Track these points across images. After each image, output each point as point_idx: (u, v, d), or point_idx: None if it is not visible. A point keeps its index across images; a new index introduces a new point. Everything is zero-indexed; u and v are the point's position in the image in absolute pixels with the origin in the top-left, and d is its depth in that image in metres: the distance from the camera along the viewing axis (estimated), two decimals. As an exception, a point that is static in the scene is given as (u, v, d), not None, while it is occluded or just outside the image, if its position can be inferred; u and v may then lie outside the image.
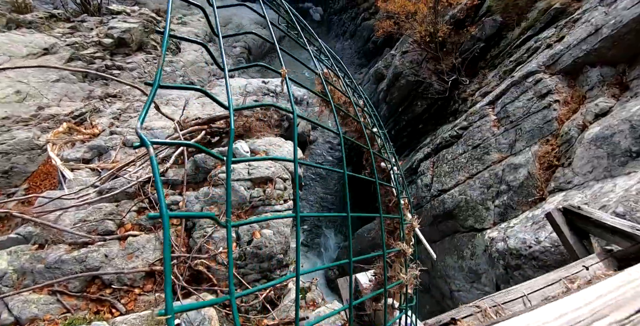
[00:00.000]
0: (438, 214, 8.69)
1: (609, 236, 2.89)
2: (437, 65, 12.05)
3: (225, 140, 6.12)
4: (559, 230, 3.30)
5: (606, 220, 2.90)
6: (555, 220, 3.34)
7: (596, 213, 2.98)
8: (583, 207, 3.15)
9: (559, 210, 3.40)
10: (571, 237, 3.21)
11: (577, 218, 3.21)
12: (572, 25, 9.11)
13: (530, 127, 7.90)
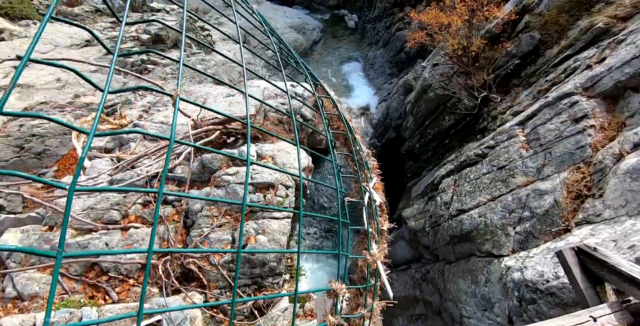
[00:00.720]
0: (455, 235, 8.35)
1: (625, 285, 2.58)
2: (468, 80, 11.67)
3: (241, 141, 6.09)
4: (570, 272, 2.98)
5: (623, 267, 2.58)
6: (567, 260, 3.02)
7: (613, 257, 2.67)
8: (600, 248, 2.83)
9: (573, 249, 3.09)
10: (583, 280, 2.89)
11: (591, 261, 2.89)
12: (616, 47, 8.59)
13: (561, 152, 7.46)
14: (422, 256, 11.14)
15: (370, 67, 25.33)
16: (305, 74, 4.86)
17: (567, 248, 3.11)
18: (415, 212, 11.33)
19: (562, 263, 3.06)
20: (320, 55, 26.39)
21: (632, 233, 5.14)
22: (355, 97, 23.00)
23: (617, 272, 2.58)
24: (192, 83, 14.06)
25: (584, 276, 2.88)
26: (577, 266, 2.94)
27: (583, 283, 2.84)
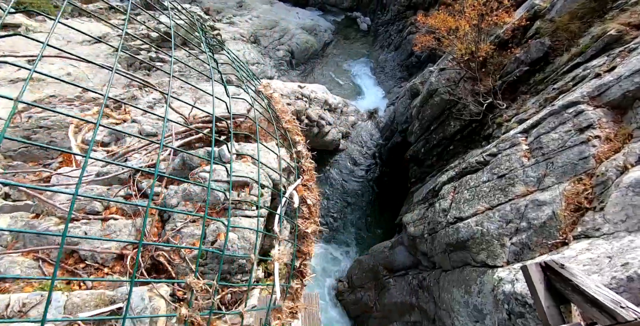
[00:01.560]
0: (451, 242, 8.19)
1: (587, 307, 2.44)
2: (475, 86, 11.47)
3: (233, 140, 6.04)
4: (533, 288, 2.83)
5: (587, 287, 2.44)
6: (531, 276, 2.88)
7: (580, 276, 2.53)
8: (568, 266, 2.69)
9: (539, 264, 2.94)
10: (546, 298, 2.74)
11: (557, 278, 2.74)
12: (627, 55, 8.34)
13: (564, 162, 7.25)
14: (420, 263, 10.99)
15: (380, 70, 25.17)
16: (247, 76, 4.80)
17: (532, 263, 2.97)
18: (416, 218, 11.18)
19: (526, 279, 2.92)
20: (331, 56, 26.33)
21: (629, 250, 4.95)
22: (364, 100, 22.88)
23: (580, 292, 2.45)
24: (198, 82, 14.16)
25: (548, 294, 2.74)
26: (541, 283, 2.81)
27: (546, 300, 2.70)
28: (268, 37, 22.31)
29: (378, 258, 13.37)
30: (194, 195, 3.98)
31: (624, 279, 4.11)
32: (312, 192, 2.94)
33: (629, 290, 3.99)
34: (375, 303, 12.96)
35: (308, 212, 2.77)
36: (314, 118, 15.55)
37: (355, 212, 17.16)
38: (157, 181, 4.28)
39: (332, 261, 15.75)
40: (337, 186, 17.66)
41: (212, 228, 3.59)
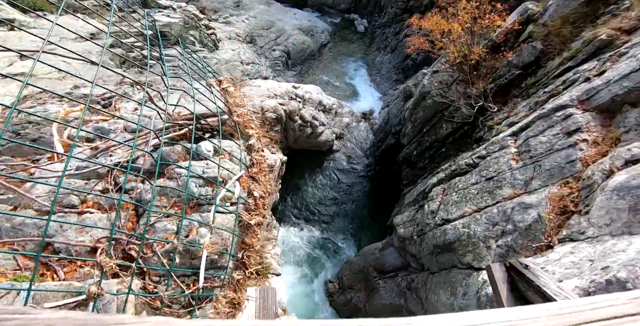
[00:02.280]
0: (438, 244, 8.17)
1: None
2: (467, 89, 11.49)
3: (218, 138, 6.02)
4: (496, 288, 2.77)
5: (548, 289, 2.38)
6: (494, 276, 2.82)
7: (542, 277, 2.47)
8: (532, 266, 2.63)
9: (504, 264, 2.89)
10: (509, 299, 2.68)
11: (521, 279, 2.68)
12: (617, 60, 8.36)
13: (551, 166, 7.25)
14: (409, 265, 10.96)
15: (377, 72, 25.22)
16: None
17: (496, 263, 2.93)
18: (406, 219, 11.16)
19: (490, 278, 2.87)
20: (328, 58, 26.35)
21: (611, 253, 4.94)
22: (360, 101, 22.91)
23: (541, 293, 2.40)
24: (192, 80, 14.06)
25: (511, 295, 2.69)
26: (504, 284, 2.75)
27: (509, 301, 2.65)
28: (264, 37, 22.29)
29: (368, 260, 13.34)
30: (169, 190, 3.94)
31: (602, 283, 4.09)
32: (261, 184, 2.90)
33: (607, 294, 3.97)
34: (365, 305, 12.92)
35: (254, 204, 2.74)
36: (308, 118, 15.53)
37: (348, 212, 17.13)
38: (133, 176, 4.24)
39: (323, 262, 15.70)
40: (331, 186, 17.63)
41: (185, 222, 3.56)
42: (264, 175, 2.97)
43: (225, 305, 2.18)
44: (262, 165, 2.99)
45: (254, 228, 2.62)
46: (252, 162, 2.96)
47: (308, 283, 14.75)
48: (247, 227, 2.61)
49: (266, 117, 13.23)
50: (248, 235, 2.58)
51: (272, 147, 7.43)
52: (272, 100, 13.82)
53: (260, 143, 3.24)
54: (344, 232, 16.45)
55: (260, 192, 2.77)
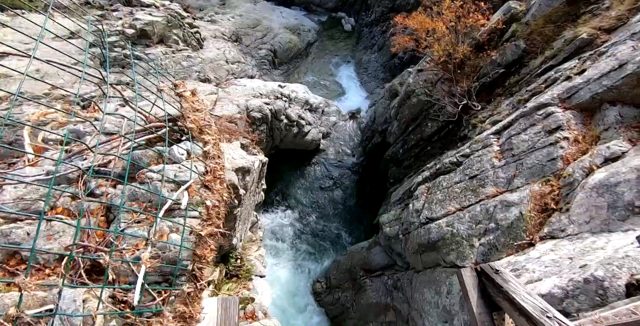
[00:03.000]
0: (422, 243, 8.17)
1: (515, 315, 2.36)
2: (452, 87, 11.53)
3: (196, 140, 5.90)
4: (466, 293, 2.75)
5: (516, 294, 2.36)
6: (464, 281, 2.79)
7: (512, 283, 2.45)
8: (503, 271, 2.61)
9: (475, 269, 2.86)
10: (479, 305, 2.65)
11: (490, 284, 2.65)
12: (597, 59, 8.46)
13: (532, 164, 7.31)
14: (395, 264, 10.98)
15: (364, 70, 25.20)
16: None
17: (467, 267, 2.90)
18: (391, 218, 11.16)
19: (460, 284, 2.85)
20: (315, 56, 26.25)
21: (590, 251, 4.97)
22: (347, 100, 22.85)
23: (509, 299, 2.38)
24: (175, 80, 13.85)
25: (482, 301, 2.66)
26: (474, 289, 2.72)
27: (479, 307, 2.62)
28: (250, 35, 22.09)
29: (356, 259, 13.31)
30: (140, 195, 3.84)
31: (580, 281, 4.11)
32: (215, 193, 2.82)
33: (585, 292, 3.99)
34: (353, 304, 12.89)
35: (206, 214, 2.66)
36: (294, 118, 15.44)
37: (335, 212, 17.08)
38: (105, 181, 4.11)
39: (311, 261, 15.64)
40: (318, 186, 17.57)
41: (156, 228, 3.46)
42: (220, 183, 2.88)
43: (173, 320, 2.10)
44: (217, 172, 2.90)
45: (206, 239, 2.53)
46: (206, 170, 2.87)
47: (296, 282, 14.67)
48: (199, 238, 2.52)
49: (251, 116, 13.11)
50: (199, 246, 2.49)
51: (252, 148, 7.35)
52: (257, 100, 13.69)
53: (218, 150, 3.14)
54: (332, 231, 16.41)
55: (214, 201, 2.68)
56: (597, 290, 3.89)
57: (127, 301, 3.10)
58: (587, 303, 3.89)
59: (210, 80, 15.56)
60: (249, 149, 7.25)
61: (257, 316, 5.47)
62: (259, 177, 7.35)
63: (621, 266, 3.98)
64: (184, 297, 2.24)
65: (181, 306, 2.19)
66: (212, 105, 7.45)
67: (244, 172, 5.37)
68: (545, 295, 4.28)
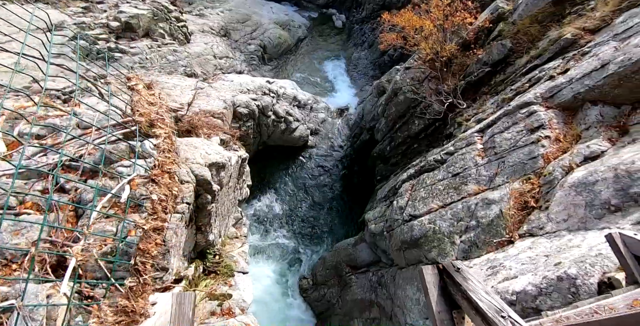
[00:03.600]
0: (405, 240, 8.20)
1: (472, 314, 2.35)
2: (439, 85, 11.56)
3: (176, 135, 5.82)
4: (427, 292, 2.73)
5: (474, 294, 2.34)
6: (425, 279, 2.78)
7: (472, 282, 2.43)
8: (464, 269, 2.60)
9: (437, 267, 2.85)
10: (439, 303, 2.63)
11: (451, 282, 2.64)
12: (580, 58, 8.54)
13: (514, 162, 7.37)
14: (380, 260, 11.02)
15: (353, 67, 25.17)
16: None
17: (429, 265, 2.89)
18: (377, 215, 11.18)
19: (422, 282, 2.85)
20: (305, 53, 26.12)
21: (566, 249, 5.02)
22: (336, 97, 22.82)
23: (467, 298, 2.37)
24: (160, 74, 13.68)
25: (442, 299, 2.65)
26: (435, 287, 2.71)
27: (438, 305, 2.61)
28: (240, 30, 21.87)
29: (341, 255, 13.32)
30: (109, 189, 3.76)
31: (554, 279, 4.15)
32: (161, 187, 2.77)
33: (558, 290, 4.03)
34: (338, 300, 12.91)
35: (151, 208, 2.61)
36: (281, 114, 15.35)
37: (323, 209, 17.07)
38: (80, 176, 4.02)
39: (298, 258, 15.63)
40: (306, 182, 17.53)
41: (90, 221, 3.40)
42: (170, 177, 2.81)
43: (113, 314, 2.06)
44: (165, 166, 2.83)
45: (151, 233, 2.48)
46: (154, 164, 2.81)
47: (282, 278, 14.66)
48: (144, 232, 2.47)
49: (238, 112, 13.00)
50: (143, 240, 2.44)
51: (233, 143, 7.27)
52: (244, 95, 13.58)
53: (170, 144, 3.07)
54: (318, 228, 16.40)
55: (161, 196, 2.62)
56: (570, 288, 3.93)
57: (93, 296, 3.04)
58: (560, 301, 3.92)
59: (197, 75, 15.38)
60: (230, 145, 7.17)
61: (234, 312, 5.43)
62: (239, 172, 7.29)
63: (594, 264, 4.03)
64: (125, 291, 2.19)
65: (122, 300, 2.14)
66: (192, 100, 7.32)
67: (218, 168, 5.30)
68: (519, 292, 4.32)
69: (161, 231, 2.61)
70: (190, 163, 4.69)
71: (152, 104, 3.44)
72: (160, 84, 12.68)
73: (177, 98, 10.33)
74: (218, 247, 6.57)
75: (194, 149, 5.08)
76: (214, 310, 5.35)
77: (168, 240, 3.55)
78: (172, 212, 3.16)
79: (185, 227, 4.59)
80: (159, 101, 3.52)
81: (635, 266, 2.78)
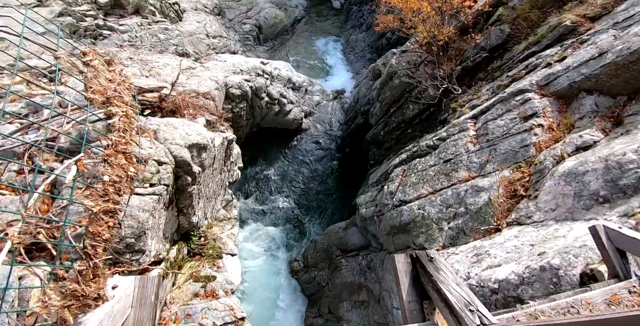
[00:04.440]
0: (394, 225, 8.22)
1: (442, 306, 2.33)
2: (435, 70, 11.38)
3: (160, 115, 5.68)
4: (398, 282, 2.70)
5: (444, 285, 2.30)
6: (397, 267, 2.74)
7: (443, 273, 2.38)
8: (437, 258, 2.56)
9: (411, 255, 2.80)
10: (409, 293, 2.59)
11: (423, 272, 2.59)
12: (578, 46, 8.40)
13: (506, 150, 7.32)
14: (370, 244, 11.10)
15: (350, 50, 24.75)
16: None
17: (402, 254, 2.85)
18: (368, 200, 11.19)
19: (393, 270, 2.81)
20: (301, 33, 25.58)
21: (552, 239, 5.02)
22: (332, 80, 22.52)
23: (437, 289, 2.33)
24: (151, 53, 13.32)
25: (413, 289, 2.62)
26: (407, 276, 2.67)
27: (409, 295, 2.58)
28: (234, 9, 21.29)
29: (333, 239, 13.40)
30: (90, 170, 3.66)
31: (537, 269, 4.15)
32: (114, 168, 2.68)
33: (540, 280, 4.04)
34: (328, 283, 13.07)
35: (102, 190, 2.53)
36: (275, 96, 15.13)
37: (315, 192, 17.09)
38: (52, 156, 3.90)
39: (289, 240, 15.73)
40: (299, 165, 17.47)
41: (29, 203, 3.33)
42: (127, 158, 2.71)
43: (60, 298, 2.01)
44: (119, 146, 2.73)
45: (101, 216, 2.40)
46: (107, 143, 2.71)
47: (273, 260, 14.78)
48: (93, 214, 2.39)
49: (230, 93, 12.77)
50: (93, 223, 2.37)
51: (220, 124, 7.12)
52: (237, 76, 13.32)
53: (127, 123, 2.95)
54: (311, 211, 16.46)
55: (113, 177, 2.53)
56: (552, 278, 3.94)
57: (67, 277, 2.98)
58: (541, 291, 3.94)
59: (189, 55, 15.02)
60: (216, 126, 7.03)
61: (217, 294, 5.44)
62: (225, 154, 7.17)
63: (578, 255, 4.03)
64: (75, 275, 2.14)
65: (72, 284, 2.09)
66: (176, 79, 7.12)
67: (199, 149, 5.20)
68: (502, 280, 4.34)
69: (114, 214, 2.54)
70: (169, 144, 4.59)
71: (111, 81, 3.28)
72: (150, 63, 12.38)
73: (167, 78, 10.09)
74: (203, 229, 6.53)
75: (173, 129, 4.96)
76: (197, 291, 5.36)
77: (144, 221, 3.50)
78: (130, 194, 3.07)
79: (165, 208, 4.54)
80: (119, 78, 3.36)
81: (617, 259, 2.77)
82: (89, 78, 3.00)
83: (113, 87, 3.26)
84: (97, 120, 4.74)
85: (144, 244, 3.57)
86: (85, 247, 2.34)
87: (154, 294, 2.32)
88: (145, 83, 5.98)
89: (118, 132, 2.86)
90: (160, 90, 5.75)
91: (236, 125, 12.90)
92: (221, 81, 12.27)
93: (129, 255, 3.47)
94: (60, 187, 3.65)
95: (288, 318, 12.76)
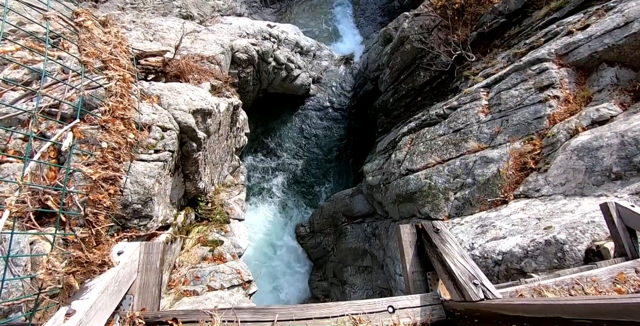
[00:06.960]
0: (401, 194, 8.26)
1: (445, 278, 2.34)
2: (449, 35, 10.93)
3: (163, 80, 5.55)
4: (402, 253, 2.71)
5: (449, 257, 2.29)
6: (402, 238, 2.73)
7: (449, 244, 2.37)
8: (443, 230, 2.54)
9: (416, 226, 2.78)
10: (413, 263, 2.59)
11: (429, 243, 2.59)
12: (603, 14, 7.95)
13: (518, 121, 7.16)
14: (375, 212, 11.24)
15: (361, 13, 23.71)
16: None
17: (407, 224, 2.83)
18: (375, 167, 11.19)
19: (398, 241, 2.81)
20: None
21: (559, 213, 5.02)
22: (341, 44, 21.77)
23: (442, 261, 2.34)
24: (154, 16, 12.84)
25: (417, 259, 2.62)
26: (412, 247, 2.67)
27: (413, 266, 2.59)
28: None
29: (339, 205, 13.57)
30: (89, 137, 3.64)
31: (542, 243, 4.18)
32: (112, 134, 2.62)
33: (544, 254, 4.07)
34: (333, 248, 13.39)
35: (101, 157, 2.49)
36: (282, 61, 14.73)
37: (323, 159, 17.09)
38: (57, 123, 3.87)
39: (296, 206, 15.97)
40: (306, 132, 17.35)
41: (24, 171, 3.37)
42: (126, 124, 2.63)
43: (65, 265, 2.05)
44: (117, 111, 2.63)
45: (100, 183, 2.38)
46: (105, 109, 2.62)
47: (280, 226, 15.08)
48: (93, 182, 2.37)
49: (236, 57, 12.44)
50: (93, 190, 2.35)
51: (226, 90, 6.97)
52: (243, 40, 12.91)
53: (125, 88, 2.84)
54: (318, 177, 16.56)
55: (111, 143, 2.47)
56: (557, 253, 3.97)
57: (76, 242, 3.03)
58: (545, 265, 3.99)
59: (194, 17, 14.49)
60: (221, 91, 6.88)
61: (224, 258, 5.60)
62: (232, 120, 7.08)
63: (585, 231, 4.03)
64: (78, 242, 2.17)
65: (76, 251, 2.13)
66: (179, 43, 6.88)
67: (204, 114, 5.12)
68: (506, 253, 4.39)
69: (115, 181, 2.52)
70: (172, 109, 4.52)
71: (106, 43, 3.13)
72: (153, 27, 11.98)
73: (171, 42, 9.80)
74: (210, 195, 6.60)
75: (177, 95, 4.86)
76: (205, 255, 5.51)
77: (150, 187, 3.51)
78: (130, 161, 3.05)
79: (171, 175, 4.55)
80: (115, 40, 3.20)
81: (626, 238, 2.76)
82: (82, 40, 2.84)
83: (109, 50, 3.12)
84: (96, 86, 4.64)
85: (151, 210, 3.62)
86: (87, 215, 2.35)
87: (159, 260, 2.38)
88: (147, 47, 5.80)
89: (115, 97, 2.76)
90: (163, 54, 5.57)
91: (242, 91, 12.68)
92: (227, 45, 11.92)
93: (137, 221, 3.53)
94: (64, 154, 3.65)
95: (294, 281, 13.23)
